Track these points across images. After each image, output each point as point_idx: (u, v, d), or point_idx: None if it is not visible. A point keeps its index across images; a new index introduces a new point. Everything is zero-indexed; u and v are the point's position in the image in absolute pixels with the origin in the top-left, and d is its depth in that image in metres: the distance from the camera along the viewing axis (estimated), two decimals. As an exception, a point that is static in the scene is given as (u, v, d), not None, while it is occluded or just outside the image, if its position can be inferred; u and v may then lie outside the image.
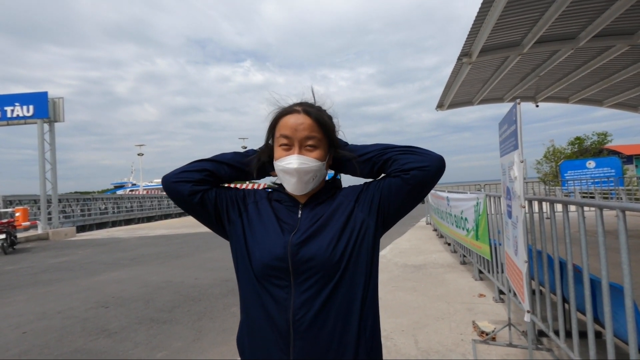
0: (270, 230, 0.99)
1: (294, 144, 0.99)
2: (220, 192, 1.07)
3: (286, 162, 0.98)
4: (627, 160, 24.38)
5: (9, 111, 16.33)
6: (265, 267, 0.94)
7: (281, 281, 0.93)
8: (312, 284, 0.92)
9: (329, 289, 0.93)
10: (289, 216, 1.02)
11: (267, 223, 1.01)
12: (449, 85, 8.43)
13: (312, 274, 0.93)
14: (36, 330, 4.19)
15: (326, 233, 0.97)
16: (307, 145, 0.99)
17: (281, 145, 1.00)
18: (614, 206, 1.77)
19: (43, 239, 15.37)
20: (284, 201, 1.05)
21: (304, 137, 0.99)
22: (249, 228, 1.02)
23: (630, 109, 11.91)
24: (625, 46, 6.69)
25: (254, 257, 0.97)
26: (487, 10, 4.95)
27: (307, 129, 0.99)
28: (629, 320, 1.71)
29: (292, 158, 0.97)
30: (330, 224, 0.99)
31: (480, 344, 3.05)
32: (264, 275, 0.94)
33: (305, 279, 0.93)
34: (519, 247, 2.44)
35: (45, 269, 8.21)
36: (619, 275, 1.77)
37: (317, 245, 0.94)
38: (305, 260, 0.93)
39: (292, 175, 0.98)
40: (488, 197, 4.14)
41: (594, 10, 5.52)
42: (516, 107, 2.27)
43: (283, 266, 0.93)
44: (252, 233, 1.01)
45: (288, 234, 0.97)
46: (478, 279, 5.00)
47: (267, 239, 0.98)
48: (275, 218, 1.02)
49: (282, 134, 1.00)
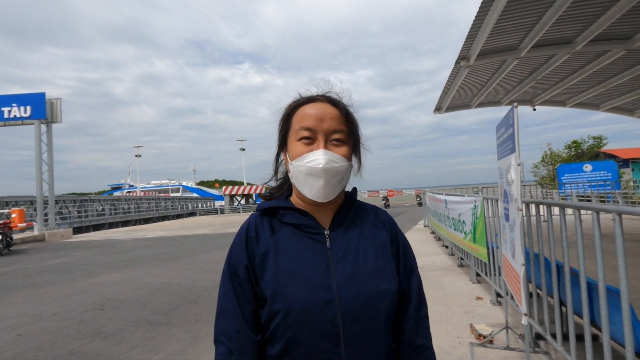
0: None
1: (318, 137, 0.81)
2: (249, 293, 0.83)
3: (310, 159, 0.79)
4: (623, 163, 24.54)
5: (6, 112, 16.27)
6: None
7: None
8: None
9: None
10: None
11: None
12: (447, 89, 8.47)
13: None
14: (31, 332, 4.15)
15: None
16: (333, 140, 0.82)
17: (301, 140, 0.81)
18: (611, 209, 1.78)
19: (39, 240, 15.28)
20: (306, 227, 0.84)
21: (331, 130, 0.82)
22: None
23: (627, 113, 11.99)
24: (621, 51, 6.75)
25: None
26: (485, 14, 4.99)
27: (334, 120, 0.82)
28: (626, 323, 1.71)
29: (318, 154, 0.79)
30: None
31: (478, 347, 3.05)
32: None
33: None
34: (516, 250, 2.44)
35: (41, 271, 8.15)
36: (615, 278, 1.78)
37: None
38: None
39: (318, 177, 0.79)
40: (485, 200, 4.15)
41: (591, 15, 5.57)
42: (513, 111, 2.28)
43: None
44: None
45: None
46: (475, 282, 5.01)
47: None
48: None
49: (303, 126, 0.81)
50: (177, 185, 64.02)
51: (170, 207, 37.70)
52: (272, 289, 0.77)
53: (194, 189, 63.56)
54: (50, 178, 16.94)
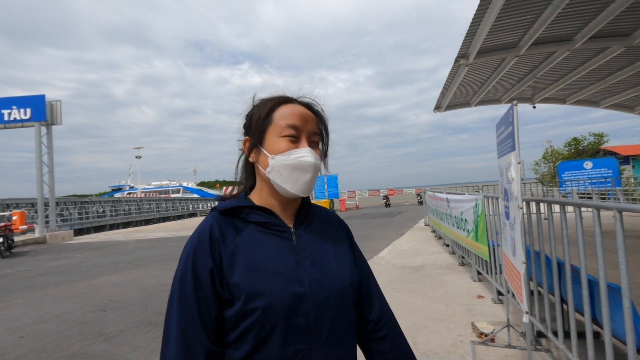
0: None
1: (302, 136, 0.85)
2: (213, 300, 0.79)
3: (299, 154, 0.82)
4: (624, 160, 24.49)
5: (6, 114, 16.28)
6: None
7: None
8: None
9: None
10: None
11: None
12: (447, 87, 8.46)
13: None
14: (33, 334, 4.16)
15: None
16: (313, 141, 0.87)
17: (287, 136, 0.83)
18: (611, 207, 1.78)
19: (40, 242, 15.29)
20: (272, 226, 0.85)
21: (312, 132, 0.86)
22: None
23: (627, 110, 11.98)
24: (621, 47, 6.74)
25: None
26: (484, 12, 4.98)
27: (314, 123, 0.87)
28: (627, 320, 1.71)
29: (306, 151, 0.83)
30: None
31: (479, 345, 3.05)
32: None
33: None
34: (516, 248, 2.44)
35: (43, 273, 8.16)
36: (616, 275, 1.78)
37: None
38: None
39: (306, 171, 0.82)
40: (486, 199, 4.15)
41: (590, 12, 5.56)
42: (513, 109, 2.28)
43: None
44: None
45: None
46: (477, 280, 5.01)
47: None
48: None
49: (289, 124, 0.83)
50: (177, 186, 64.04)
51: (171, 208, 37.68)
52: (248, 287, 0.76)
53: (195, 190, 63.59)
54: (51, 180, 16.95)
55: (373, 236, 10.52)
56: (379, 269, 6.19)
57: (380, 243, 9.02)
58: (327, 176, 25.23)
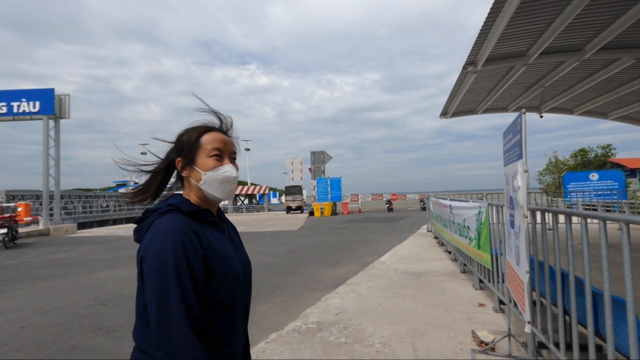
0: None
1: (224, 156, 1.11)
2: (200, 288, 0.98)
3: (224, 170, 1.09)
4: (630, 173, 24.29)
5: (15, 106, 16.45)
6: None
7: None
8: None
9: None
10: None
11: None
12: (454, 94, 8.45)
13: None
14: (34, 325, 4.19)
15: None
16: (233, 159, 1.15)
17: (212, 157, 1.09)
18: (618, 219, 1.76)
19: (44, 234, 15.41)
20: (217, 224, 1.13)
21: (232, 151, 1.14)
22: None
23: (635, 123, 11.88)
24: (630, 59, 6.70)
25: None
26: (494, 20, 4.98)
27: (232, 145, 1.15)
28: (631, 334, 1.70)
29: (229, 167, 1.10)
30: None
31: (479, 354, 3.03)
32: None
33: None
34: (520, 257, 2.43)
35: (45, 265, 8.22)
36: (621, 288, 1.76)
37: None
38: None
39: (231, 182, 1.10)
40: (490, 206, 4.13)
41: (600, 23, 5.53)
42: (521, 117, 2.28)
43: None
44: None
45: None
46: (478, 288, 4.98)
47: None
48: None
49: (215, 147, 1.10)
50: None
51: (174, 205, 37.51)
52: (222, 268, 1.02)
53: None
54: (57, 173, 17.09)
55: (375, 240, 10.49)
56: (380, 273, 6.17)
57: (381, 248, 8.99)
58: (330, 179, 25.20)
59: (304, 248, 9.58)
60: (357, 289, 5.22)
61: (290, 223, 17.92)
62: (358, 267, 6.74)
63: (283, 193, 33.70)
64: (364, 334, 3.57)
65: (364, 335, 3.55)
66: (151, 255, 0.94)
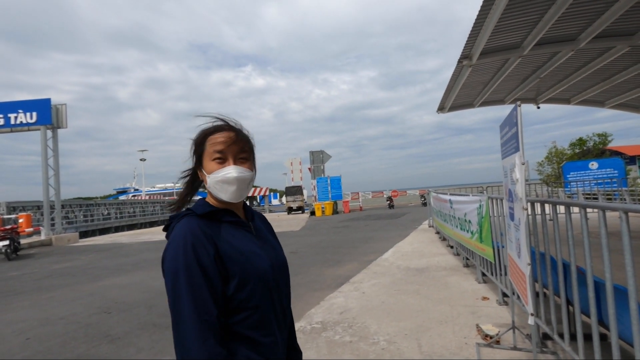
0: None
1: (228, 157, 1.08)
2: (218, 282, 0.99)
3: (225, 172, 1.06)
4: (629, 161, 24.28)
5: (12, 118, 16.45)
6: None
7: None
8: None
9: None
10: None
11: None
12: (450, 88, 8.44)
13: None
14: (39, 336, 4.19)
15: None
16: (240, 158, 1.10)
17: (215, 160, 1.07)
18: (617, 208, 1.76)
19: (46, 244, 15.41)
20: (239, 222, 1.12)
21: (237, 151, 1.09)
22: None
23: (633, 110, 11.88)
24: (625, 47, 6.70)
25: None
26: (487, 13, 4.97)
27: (238, 144, 1.09)
28: (634, 322, 1.70)
29: (230, 169, 1.07)
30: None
31: (484, 348, 3.03)
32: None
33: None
34: (521, 249, 2.43)
35: (49, 275, 8.23)
36: (623, 277, 1.76)
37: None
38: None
39: (232, 183, 1.06)
40: (490, 200, 4.13)
41: (594, 11, 5.53)
42: (516, 110, 2.27)
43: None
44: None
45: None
46: (481, 282, 4.98)
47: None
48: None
49: (215, 150, 1.07)
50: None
51: (175, 210, 37.55)
52: (241, 267, 1.01)
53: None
54: (57, 183, 17.09)
55: (377, 238, 10.50)
56: (383, 270, 6.17)
57: (383, 245, 9.00)
58: (330, 178, 25.19)
59: (306, 248, 9.59)
60: (360, 287, 5.23)
61: (292, 223, 17.93)
62: (361, 265, 6.74)
63: (283, 194, 33.69)
64: (369, 332, 3.57)
65: (369, 333, 3.56)
66: (166, 260, 0.99)
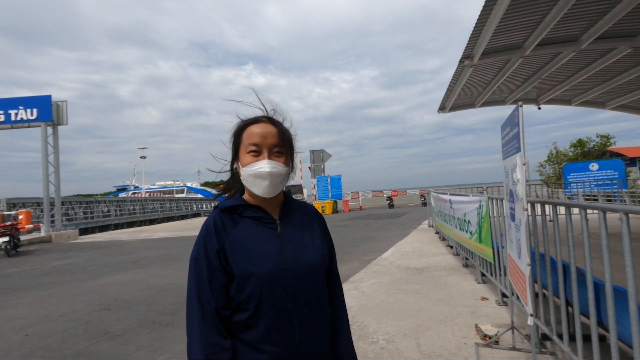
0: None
1: (263, 150, 1.07)
2: (222, 276, 1.03)
3: (258, 166, 1.05)
4: (630, 162, 24.27)
5: (12, 114, 16.44)
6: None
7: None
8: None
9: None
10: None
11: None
12: (451, 88, 8.43)
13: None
14: (39, 332, 4.20)
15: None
16: (275, 152, 1.08)
17: (250, 152, 1.07)
18: (617, 209, 1.76)
19: (46, 241, 15.42)
20: (261, 219, 1.09)
21: (272, 145, 1.07)
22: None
23: (634, 111, 11.86)
24: (627, 48, 6.68)
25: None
26: (489, 13, 4.96)
27: (274, 137, 1.08)
28: (634, 323, 1.70)
29: (264, 163, 1.05)
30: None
31: (483, 348, 3.04)
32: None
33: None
34: (522, 249, 2.43)
35: (48, 272, 8.23)
36: (622, 278, 1.76)
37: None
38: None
39: (264, 178, 1.04)
40: (490, 200, 4.13)
41: (596, 12, 5.52)
42: (518, 110, 2.27)
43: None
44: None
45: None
46: (481, 282, 4.98)
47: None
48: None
49: (251, 142, 1.07)
50: (181, 186, 64.22)
51: (175, 208, 37.76)
52: (242, 266, 1.01)
53: (199, 190, 63.74)
54: (57, 180, 17.09)
55: (376, 237, 10.50)
56: (383, 270, 6.18)
57: (383, 244, 9.00)
58: (330, 177, 25.19)
59: (306, 247, 9.58)
60: (360, 286, 5.23)
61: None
62: (360, 265, 6.74)
63: (283, 193, 33.56)
64: (368, 331, 3.58)
65: (368, 332, 3.56)
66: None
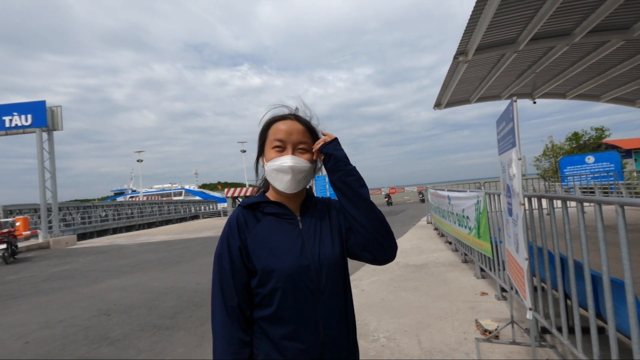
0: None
1: (287, 146, 1.09)
2: (243, 272, 1.06)
3: (281, 161, 1.07)
4: (625, 154, 24.42)
5: (7, 121, 16.34)
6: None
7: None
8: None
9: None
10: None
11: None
12: (446, 84, 8.44)
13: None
14: (39, 339, 4.18)
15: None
16: (299, 149, 1.10)
17: (274, 148, 1.09)
18: (613, 201, 1.77)
19: (44, 247, 15.35)
20: (283, 215, 1.11)
21: (297, 141, 1.09)
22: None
23: (628, 103, 11.92)
24: (620, 41, 6.71)
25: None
26: (482, 9, 4.97)
27: (300, 134, 1.10)
28: (631, 315, 1.71)
29: (287, 158, 1.07)
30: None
31: (483, 343, 3.05)
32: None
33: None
34: (519, 244, 2.44)
35: (47, 278, 8.20)
36: (620, 269, 1.77)
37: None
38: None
39: (286, 172, 1.06)
40: (488, 195, 4.14)
41: (588, 5, 5.53)
42: (513, 105, 2.28)
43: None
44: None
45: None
46: (480, 277, 5.00)
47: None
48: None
49: (276, 138, 1.09)
50: (179, 188, 64.08)
51: (173, 210, 37.69)
52: (264, 261, 1.03)
53: (197, 192, 63.62)
54: (53, 185, 17.01)
55: (375, 235, 10.50)
56: (382, 267, 6.19)
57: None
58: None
59: (305, 247, 9.59)
60: (359, 284, 5.24)
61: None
62: (360, 263, 6.75)
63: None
64: (369, 329, 3.58)
65: (369, 330, 3.57)
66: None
